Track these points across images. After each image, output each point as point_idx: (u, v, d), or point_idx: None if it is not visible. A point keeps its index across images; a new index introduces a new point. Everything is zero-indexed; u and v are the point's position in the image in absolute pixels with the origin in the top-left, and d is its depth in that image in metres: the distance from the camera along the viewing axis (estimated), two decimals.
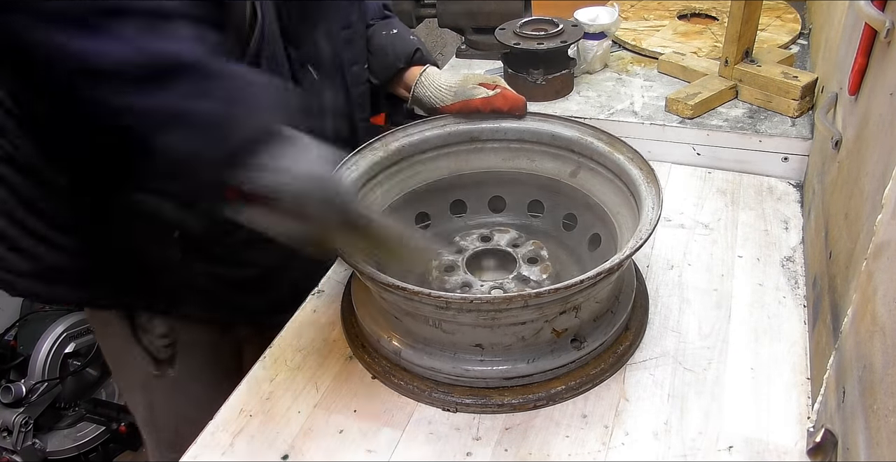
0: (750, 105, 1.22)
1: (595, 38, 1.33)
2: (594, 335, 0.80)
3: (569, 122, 0.93)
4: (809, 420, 0.73)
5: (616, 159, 0.87)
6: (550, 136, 0.94)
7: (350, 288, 0.92)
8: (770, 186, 1.13)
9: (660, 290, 0.93)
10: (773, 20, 1.46)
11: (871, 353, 0.52)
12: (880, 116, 0.66)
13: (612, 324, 0.81)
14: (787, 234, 1.02)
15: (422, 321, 0.76)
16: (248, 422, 0.79)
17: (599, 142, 0.90)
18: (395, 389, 0.81)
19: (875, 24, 0.68)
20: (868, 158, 0.68)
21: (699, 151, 1.19)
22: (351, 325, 0.88)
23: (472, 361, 0.77)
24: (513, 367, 0.77)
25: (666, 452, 0.73)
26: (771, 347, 0.84)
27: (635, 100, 1.27)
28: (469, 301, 0.69)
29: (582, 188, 0.93)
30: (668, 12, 1.56)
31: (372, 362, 0.83)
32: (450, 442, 0.75)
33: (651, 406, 0.78)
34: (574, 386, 0.79)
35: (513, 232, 0.94)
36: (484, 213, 1.03)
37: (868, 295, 0.55)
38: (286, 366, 0.85)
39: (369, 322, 0.84)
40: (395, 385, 0.81)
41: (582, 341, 0.79)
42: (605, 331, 0.81)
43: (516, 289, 0.84)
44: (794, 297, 0.91)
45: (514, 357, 0.77)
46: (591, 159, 0.91)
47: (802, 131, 1.13)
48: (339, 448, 0.76)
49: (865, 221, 0.64)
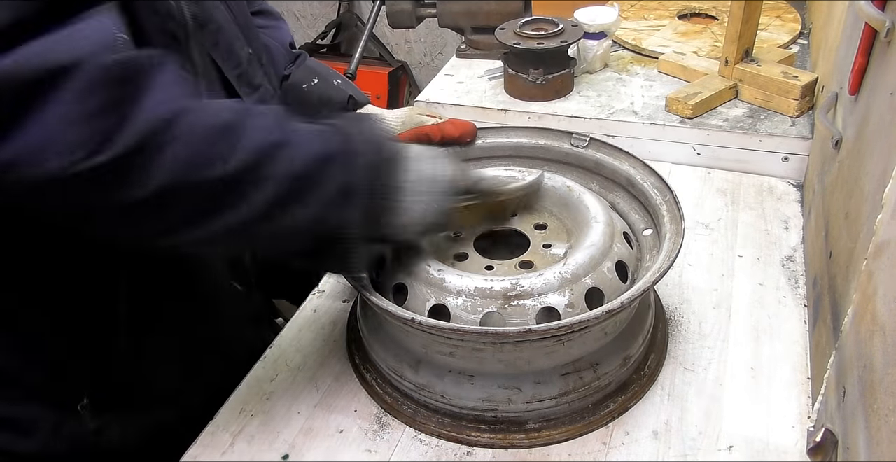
0: (750, 105, 1.22)
1: (595, 37, 1.33)
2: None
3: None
4: (810, 420, 0.72)
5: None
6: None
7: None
8: (770, 186, 1.13)
9: (660, 290, 0.93)
10: (773, 20, 1.46)
11: (872, 352, 0.52)
12: (880, 116, 0.66)
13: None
14: (787, 234, 1.02)
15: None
16: (249, 422, 0.79)
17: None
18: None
19: (875, 23, 0.68)
20: (868, 158, 0.68)
21: (699, 151, 1.19)
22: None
23: None
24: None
25: (666, 452, 0.73)
26: (771, 347, 0.84)
27: (635, 99, 1.27)
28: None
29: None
30: (668, 12, 1.56)
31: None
32: (450, 442, 0.75)
33: (651, 406, 0.78)
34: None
35: None
36: None
37: (868, 294, 0.55)
38: (286, 366, 0.85)
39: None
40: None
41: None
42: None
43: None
44: (795, 297, 0.91)
45: None
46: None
47: (803, 131, 1.13)
48: (339, 448, 0.76)
49: (866, 221, 0.64)
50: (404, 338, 0.77)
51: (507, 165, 0.94)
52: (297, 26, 3.23)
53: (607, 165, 0.89)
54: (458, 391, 0.74)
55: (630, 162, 0.87)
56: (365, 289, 0.71)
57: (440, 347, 0.73)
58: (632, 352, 0.78)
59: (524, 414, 0.75)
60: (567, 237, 0.82)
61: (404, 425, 0.77)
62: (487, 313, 0.70)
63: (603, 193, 0.90)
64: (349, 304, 0.93)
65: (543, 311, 0.71)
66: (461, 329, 0.66)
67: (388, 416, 0.79)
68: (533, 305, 0.71)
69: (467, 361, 0.73)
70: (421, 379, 0.76)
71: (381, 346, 0.80)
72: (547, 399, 0.74)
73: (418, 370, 0.76)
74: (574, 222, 0.83)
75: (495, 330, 0.66)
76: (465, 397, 0.74)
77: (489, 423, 0.75)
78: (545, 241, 0.82)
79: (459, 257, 0.80)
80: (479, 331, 0.66)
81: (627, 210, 0.88)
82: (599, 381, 0.75)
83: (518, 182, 0.84)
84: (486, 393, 0.74)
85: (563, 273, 0.72)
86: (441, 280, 0.72)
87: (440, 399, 0.75)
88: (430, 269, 0.74)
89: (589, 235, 0.77)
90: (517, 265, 0.78)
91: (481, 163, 0.95)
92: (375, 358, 0.81)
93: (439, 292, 0.72)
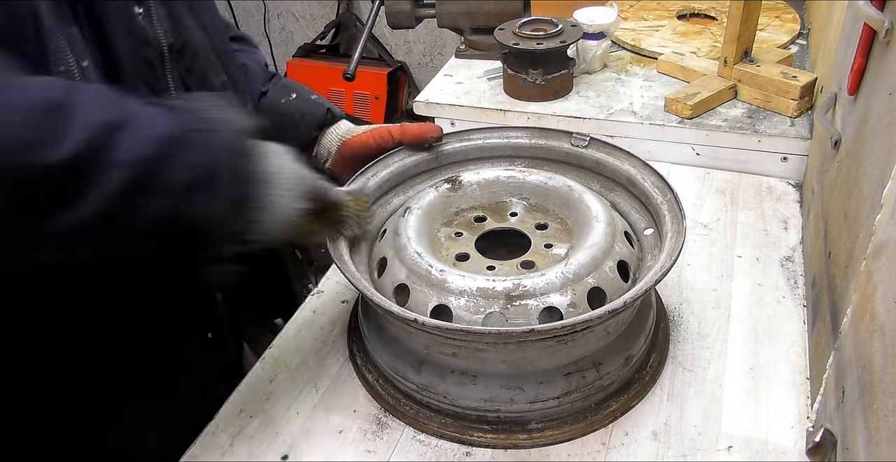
0: (749, 105, 1.22)
1: (594, 38, 1.33)
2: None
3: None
4: (809, 420, 0.73)
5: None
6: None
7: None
8: (769, 186, 1.13)
9: (660, 291, 0.93)
10: (773, 20, 1.46)
11: (871, 352, 0.52)
12: (879, 116, 0.66)
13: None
14: (786, 234, 1.02)
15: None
16: (248, 422, 0.79)
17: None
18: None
19: (874, 24, 0.68)
20: (867, 158, 0.68)
21: (698, 151, 1.19)
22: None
23: None
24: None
25: (666, 452, 0.73)
26: (770, 347, 0.84)
27: (634, 100, 1.27)
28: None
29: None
30: (667, 12, 1.56)
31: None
32: (450, 442, 0.75)
33: (650, 406, 0.78)
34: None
35: None
36: None
37: (867, 295, 0.55)
38: (286, 366, 0.85)
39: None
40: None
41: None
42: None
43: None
44: (794, 297, 0.91)
45: None
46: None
47: (801, 131, 1.13)
48: (339, 448, 0.76)
49: (865, 221, 0.64)
50: (406, 338, 0.77)
51: (506, 166, 0.94)
52: (296, 27, 3.23)
53: (608, 165, 0.89)
54: (461, 391, 0.74)
55: (630, 161, 0.87)
56: (367, 289, 0.71)
57: (442, 348, 0.73)
58: (634, 351, 0.78)
59: (527, 414, 0.75)
60: (568, 237, 0.82)
61: (404, 425, 0.77)
62: (489, 313, 0.70)
63: (603, 193, 0.90)
64: (349, 305, 0.93)
65: (546, 311, 0.71)
66: (464, 329, 0.66)
67: (387, 416, 0.79)
68: (535, 305, 0.71)
69: (470, 362, 0.73)
70: (423, 379, 0.76)
71: (382, 347, 0.80)
72: (550, 399, 0.74)
73: (420, 371, 0.76)
74: (575, 222, 0.83)
75: (498, 330, 0.66)
76: (467, 397, 0.74)
77: (492, 423, 0.75)
78: (546, 241, 0.82)
79: (461, 258, 0.80)
80: (481, 331, 0.66)
81: (628, 209, 0.88)
82: (602, 381, 0.75)
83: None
84: (488, 393, 0.74)
85: (566, 273, 0.72)
86: (443, 281, 0.72)
87: (442, 399, 0.75)
88: (431, 269, 0.74)
89: (591, 235, 0.77)
90: (519, 265, 0.78)
91: (481, 163, 0.95)
92: (377, 359, 0.81)
93: (441, 293, 0.72)
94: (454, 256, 0.81)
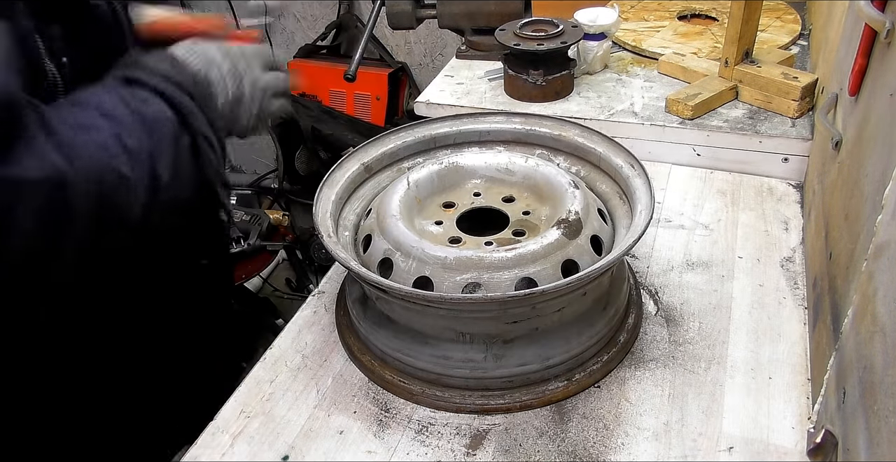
0: (750, 106, 1.22)
1: (595, 38, 1.33)
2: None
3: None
4: (810, 421, 0.72)
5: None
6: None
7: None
8: (770, 187, 1.13)
9: (660, 291, 0.93)
10: (773, 21, 1.46)
11: (872, 353, 0.52)
12: (880, 117, 0.66)
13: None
14: (787, 235, 1.02)
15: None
16: (248, 423, 0.79)
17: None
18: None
19: (875, 24, 0.68)
20: (868, 159, 0.68)
21: (699, 152, 1.19)
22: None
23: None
24: None
25: (666, 453, 0.73)
26: (771, 348, 0.84)
27: (635, 101, 1.27)
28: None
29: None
30: (668, 13, 1.56)
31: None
32: (450, 442, 0.75)
33: (651, 406, 0.78)
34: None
35: None
36: None
37: (868, 295, 0.55)
38: (286, 367, 0.85)
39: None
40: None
41: None
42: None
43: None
44: (794, 298, 0.91)
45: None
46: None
47: (802, 132, 1.13)
48: (339, 449, 0.76)
49: (866, 222, 0.64)
50: (418, 319, 0.79)
51: (479, 150, 0.97)
52: (297, 27, 3.23)
53: (579, 146, 0.93)
54: (477, 364, 0.77)
55: (603, 142, 0.91)
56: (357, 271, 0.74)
57: (448, 322, 0.75)
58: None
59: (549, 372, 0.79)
60: (543, 211, 0.87)
61: (404, 426, 0.77)
62: (471, 284, 0.74)
63: (576, 171, 0.94)
64: None
65: (524, 282, 0.75)
66: (444, 298, 0.70)
67: (387, 416, 0.79)
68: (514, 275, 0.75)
69: (456, 322, 0.76)
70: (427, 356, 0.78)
71: (381, 330, 0.82)
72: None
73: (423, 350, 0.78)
74: (550, 199, 0.87)
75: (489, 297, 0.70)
76: (488, 368, 0.77)
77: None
78: (524, 212, 0.87)
79: (454, 241, 0.84)
80: (476, 299, 0.70)
81: (603, 188, 0.92)
82: None
83: None
84: (516, 361, 0.77)
85: (542, 244, 0.76)
86: (423, 252, 0.76)
87: (458, 371, 0.78)
88: (413, 244, 0.77)
89: (564, 205, 0.82)
90: (488, 242, 0.82)
91: (454, 148, 0.98)
92: (376, 343, 0.83)
93: (422, 265, 0.75)
94: (447, 241, 0.83)
